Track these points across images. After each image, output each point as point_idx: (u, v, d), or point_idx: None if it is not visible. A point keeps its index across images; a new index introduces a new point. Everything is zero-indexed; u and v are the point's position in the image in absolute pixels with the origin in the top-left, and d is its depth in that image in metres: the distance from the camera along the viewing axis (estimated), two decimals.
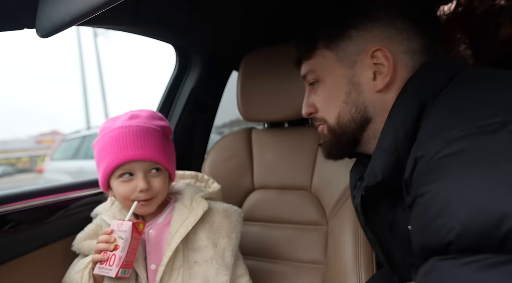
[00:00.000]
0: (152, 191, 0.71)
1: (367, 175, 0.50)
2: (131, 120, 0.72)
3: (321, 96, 0.59)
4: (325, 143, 0.61)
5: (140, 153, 0.69)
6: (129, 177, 0.70)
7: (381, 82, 0.52)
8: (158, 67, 28.71)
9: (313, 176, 0.95)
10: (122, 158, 0.68)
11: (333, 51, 0.56)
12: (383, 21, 0.52)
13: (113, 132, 0.70)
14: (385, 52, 0.51)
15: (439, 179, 0.36)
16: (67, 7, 0.45)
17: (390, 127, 0.48)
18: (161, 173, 0.73)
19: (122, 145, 0.69)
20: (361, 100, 0.55)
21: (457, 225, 0.32)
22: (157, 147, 0.71)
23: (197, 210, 0.75)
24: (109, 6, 0.41)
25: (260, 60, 0.99)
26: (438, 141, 0.38)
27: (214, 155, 1.07)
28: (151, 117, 0.75)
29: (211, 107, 1.30)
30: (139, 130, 0.70)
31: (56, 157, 5.31)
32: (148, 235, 0.74)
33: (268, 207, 0.98)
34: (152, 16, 0.87)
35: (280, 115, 0.96)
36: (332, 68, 0.56)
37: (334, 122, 0.58)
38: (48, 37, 0.51)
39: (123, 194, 0.71)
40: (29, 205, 0.80)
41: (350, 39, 0.54)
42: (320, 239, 0.90)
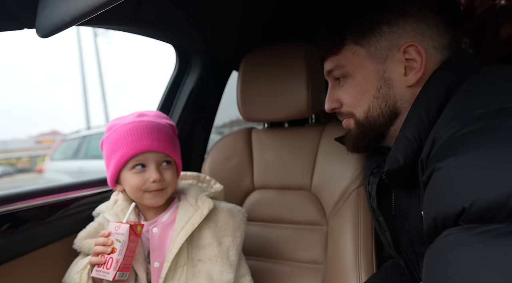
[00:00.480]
0: (164, 182, 0.73)
1: (388, 159, 0.51)
2: (141, 117, 0.75)
3: (349, 91, 0.59)
4: (351, 136, 0.62)
5: (154, 145, 0.72)
6: (141, 168, 0.73)
7: (413, 78, 0.53)
8: (158, 67, 28.74)
9: (313, 176, 0.95)
10: (137, 148, 0.71)
11: (363, 46, 0.56)
12: (415, 17, 0.53)
13: (125, 126, 0.73)
14: (418, 48, 0.52)
15: (457, 153, 0.37)
16: (67, 7, 0.45)
17: (414, 116, 0.49)
18: (171, 166, 0.76)
19: (136, 136, 0.71)
20: (392, 95, 0.55)
21: (472, 194, 0.33)
22: (168, 141, 0.75)
23: (203, 208, 0.76)
24: (109, 6, 0.41)
25: (260, 60, 0.99)
26: (459, 120, 0.39)
27: (214, 155, 1.07)
28: (158, 116, 0.79)
29: (211, 107, 1.30)
30: (151, 125, 0.74)
31: (56, 157, 5.31)
32: (152, 233, 0.75)
33: (268, 207, 0.98)
34: (152, 16, 0.87)
35: (280, 115, 0.96)
36: (363, 64, 0.56)
37: (363, 117, 0.58)
38: (48, 37, 0.51)
39: (136, 185, 0.72)
40: (29, 205, 0.80)
41: (382, 34, 0.54)
42: (320, 239, 0.90)
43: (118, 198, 0.81)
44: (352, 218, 0.83)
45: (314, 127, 1.00)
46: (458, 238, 0.34)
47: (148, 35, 0.99)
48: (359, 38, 0.56)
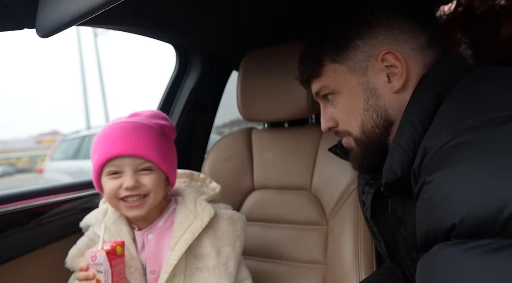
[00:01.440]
0: (141, 189, 0.67)
1: (385, 171, 0.50)
2: (131, 118, 0.71)
3: (339, 108, 0.59)
4: (355, 155, 0.61)
5: (130, 148, 0.65)
6: (117, 175, 0.67)
7: (398, 83, 0.53)
8: (158, 67, 28.73)
9: (313, 176, 0.95)
10: (110, 152, 0.65)
11: (342, 63, 0.57)
12: (385, 25, 0.53)
13: (107, 128, 0.69)
14: (394, 54, 0.52)
15: (446, 167, 0.36)
16: (67, 7, 0.45)
17: (407, 123, 0.49)
18: (152, 172, 0.68)
19: (112, 140, 0.66)
20: (381, 104, 0.55)
21: (462, 209, 0.33)
22: (149, 144, 0.67)
23: (203, 216, 0.71)
24: (109, 6, 0.41)
25: (260, 60, 0.99)
26: (449, 131, 0.39)
27: (214, 155, 1.07)
28: (151, 116, 0.73)
29: (211, 107, 1.30)
30: (132, 127, 0.67)
31: (56, 157, 5.31)
32: (147, 240, 0.71)
33: (268, 207, 0.98)
34: (152, 16, 0.87)
35: (280, 115, 0.96)
36: (345, 80, 0.57)
37: (359, 132, 0.58)
38: (48, 37, 0.51)
39: (110, 191, 0.67)
40: (29, 205, 0.80)
41: (357, 48, 0.55)
42: (320, 239, 0.90)
43: (108, 208, 0.76)
44: (352, 218, 0.83)
45: (314, 127, 1.00)
46: (448, 253, 0.34)
47: (148, 35, 0.99)
48: (336, 56, 0.57)
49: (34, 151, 15.25)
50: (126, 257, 0.68)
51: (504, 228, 0.30)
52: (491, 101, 0.39)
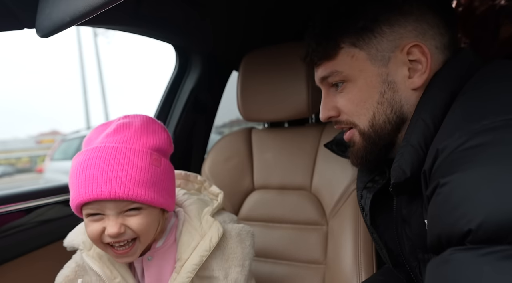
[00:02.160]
0: (127, 233, 0.55)
1: (394, 171, 0.48)
2: (113, 137, 0.57)
3: (350, 98, 0.54)
4: (358, 149, 0.56)
5: (109, 190, 0.51)
6: (98, 217, 0.55)
7: (419, 80, 0.50)
8: (158, 67, 28.73)
9: (313, 176, 0.95)
10: (85, 195, 0.52)
11: (363, 49, 0.51)
12: (415, 16, 0.50)
13: (84, 155, 0.55)
14: (422, 48, 0.49)
15: (462, 169, 0.35)
16: (67, 7, 0.45)
17: (418, 121, 0.46)
18: (142, 211, 0.56)
19: (87, 176, 0.52)
20: (397, 100, 0.51)
21: (479, 215, 0.32)
22: (136, 179, 0.53)
23: (211, 235, 0.62)
24: (109, 6, 0.41)
25: (260, 60, 0.99)
26: (463, 132, 0.37)
27: (214, 155, 1.07)
28: (142, 130, 0.59)
29: (211, 107, 1.30)
30: (114, 156, 0.53)
31: (56, 157, 5.32)
32: (147, 263, 0.63)
33: (268, 207, 0.98)
34: (152, 16, 0.87)
35: (280, 115, 0.96)
36: (363, 68, 0.52)
37: (368, 126, 0.53)
38: (48, 37, 0.52)
39: (92, 237, 0.55)
40: (29, 205, 0.80)
41: (382, 35, 0.50)
42: (320, 239, 0.90)
43: None
44: (352, 218, 0.83)
45: (314, 127, 1.00)
46: (464, 258, 0.33)
47: (148, 35, 0.99)
48: (357, 40, 0.52)
49: (34, 151, 15.24)
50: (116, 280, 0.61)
51: None
52: (506, 102, 0.38)
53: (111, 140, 0.56)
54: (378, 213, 0.61)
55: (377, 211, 0.61)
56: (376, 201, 0.60)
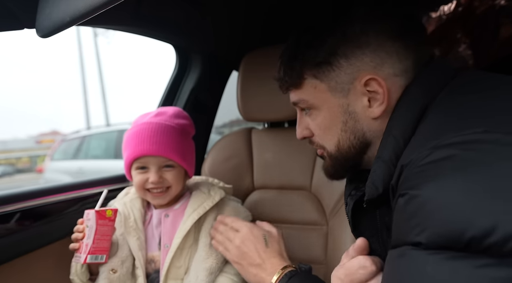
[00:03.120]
0: (164, 183, 0.78)
1: (367, 187, 0.50)
2: (156, 117, 0.80)
3: (317, 123, 0.58)
4: (328, 167, 0.61)
5: (154, 149, 0.75)
6: (144, 170, 0.78)
7: (378, 110, 0.51)
8: (158, 67, 28.75)
9: (313, 176, 0.95)
10: (138, 152, 0.76)
11: (323, 81, 0.54)
12: (373, 46, 0.51)
13: (136, 127, 0.78)
14: (378, 80, 0.50)
15: (419, 184, 0.37)
16: (67, 7, 0.45)
17: (389, 138, 0.48)
18: (174, 168, 0.79)
19: (139, 140, 0.76)
20: (359, 128, 0.54)
21: (428, 228, 0.34)
22: (171, 145, 0.77)
23: (215, 196, 0.82)
24: (109, 6, 0.41)
25: (260, 60, 0.99)
26: (425, 148, 0.39)
27: (214, 155, 1.07)
28: (175, 116, 0.83)
29: (211, 107, 1.30)
30: (157, 128, 0.77)
31: (56, 157, 5.31)
32: (164, 218, 0.81)
33: (268, 207, 0.98)
34: (152, 16, 0.87)
35: (280, 115, 0.96)
36: (325, 98, 0.55)
37: (334, 150, 0.57)
38: (48, 37, 0.52)
39: (138, 183, 0.78)
40: (29, 205, 0.80)
41: (340, 68, 0.52)
42: (320, 239, 0.90)
43: (130, 191, 0.87)
44: None
45: None
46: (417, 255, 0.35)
47: (148, 35, 0.99)
48: (317, 72, 0.54)
49: (34, 151, 15.25)
50: (131, 228, 0.79)
51: (468, 246, 0.32)
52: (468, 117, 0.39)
53: (154, 120, 0.79)
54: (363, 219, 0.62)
55: (363, 217, 0.62)
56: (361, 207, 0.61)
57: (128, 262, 0.77)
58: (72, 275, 0.74)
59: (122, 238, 0.79)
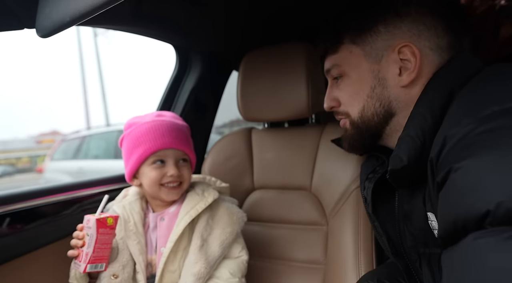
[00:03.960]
0: (180, 177, 0.79)
1: (392, 159, 0.50)
2: (160, 117, 0.80)
3: (345, 90, 0.59)
4: (347, 136, 0.62)
5: (174, 142, 0.77)
6: (161, 164, 0.78)
7: (407, 78, 0.53)
8: (158, 67, 28.74)
9: (313, 176, 0.95)
10: (158, 145, 0.76)
11: (359, 45, 0.56)
12: (412, 17, 0.53)
13: (147, 124, 0.78)
14: (412, 49, 0.52)
15: (475, 154, 0.35)
16: (67, 7, 0.45)
17: (417, 116, 0.49)
18: (188, 163, 0.81)
19: (158, 134, 0.76)
20: (386, 95, 0.55)
21: (497, 195, 0.32)
22: (185, 140, 0.80)
23: (208, 197, 0.81)
24: (109, 6, 0.41)
25: (260, 60, 0.99)
26: (473, 119, 0.38)
27: (214, 155, 1.07)
28: (175, 117, 0.84)
29: (211, 107, 1.30)
30: (170, 124, 0.79)
31: (56, 157, 5.31)
32: (160, 222, 0.80)
33: (268, 207, 0.98)
34: (153, 16, 0.87)
35: (280, 115, 0.96)
36: (358, 63, 0.57)
37: (357, 116, 0.58)
38: (48, 37, 0.51)
39: (154, 178, 0.77)
40: (29, 205, 0.80)
41: (378, 34, 0.54)
42: (320, 239, 0.90)
43: (128, 193, 0.85)
44: (352, 218, 0.83)
45: (314, 127, 1.00)
46: (488, 243, 0.32)
47: (148, 35, 0.99)
48: (356, 37, 0.56)
49: (34, 151, 15.23)
50: (131, 232, 0.78)
51: None
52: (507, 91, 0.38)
53: (160, 118, 0.80)
54: (379, 203, 0.63)
55: (379, 201, 0.63)
56: (378, 192, 0.63)
57: (129, 266, 0.76)
58: (71, 279, 0.73)
59: (122, 242, 0.77)
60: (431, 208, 0.49)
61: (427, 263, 0.54)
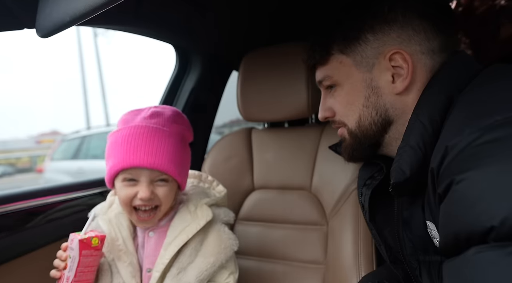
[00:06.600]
0: (155, 200, 0.66)
1: (393, 171, 0.49)
2: (150, 120, 0.67)
3: (339, 100, 0.58)
4: (347, 146, 0.61)
5: (148, 160, 0.62)
6: (132, 182, 0.65)
7: (401, 85, 0.52)
8: (158, 67, 28.75)
9: (313, 176, 0.95)
10: (127, 162, 0.63)
11: (349, 56, 0.55)
12: (400, 23, 0.52)
13: (127, 130, 0.65)
14: (403, 55, 0.51)
15: (479, 165, 0.35)
16: (67, 7, 0.45)
17: (416, 124, 0.47)
18: (167, 183, 0.67)
19: (131, 147, 0.63)
20: (381, 103, 0.54)
21: (502, 211, 0.31)
22: (169, 156, 0.65)
23: (200, 219, 0.70)
24: (109, 6, 0.41)
25: (260, 60, 0.99)
26: (475, 128, 0.37)
27: (214, 155, 1.07)
28: (172, 118, 0.69)
29: (211, 107, 1.30)
30: (153, 134, 0.64)
31: (56, 157, 5.31)
32: (148, 237, 0.71)
33: (268, 207, 0.98)
34: (153, 16, 0.87)
35: (280, 115, 0.96)
36: (350, 73, 0.56)
37: (355, 126, 0.57)
38: (48, 37, 0.51)
39: (124, 198, 0.66)
40: (29, 205, 0.80)
41: (367, 43, 0.53)
42: (320, 239, 0.90)
43: (114, 200, 0.77)
44: (352, 218, 0.83)
45: (314, 127, 1.00)
46: (491, 257, 0.32)
47: (148, 35, 0.99)
48: (345, 47, 0.55)
49: (34, 151, 15.23)
50: (121, 251, 0.69)
51: None
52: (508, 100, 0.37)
53: (149, 122, 0.66)
54: (377, 209, 0.63)
55: (377, 208, 0.62)
56: (375, 198, 0.62)
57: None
58: None
59: (114, 264, 0.69)
60: (430, 216, 0.48)
61: (427, 270, 0.53)
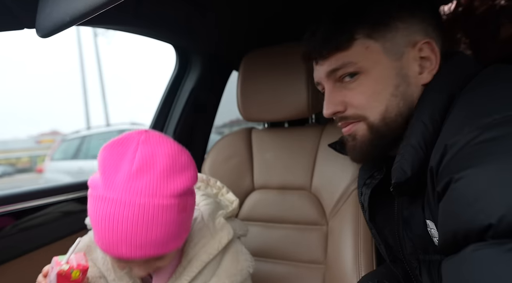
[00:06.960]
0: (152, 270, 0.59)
1: (395, 171, 0.48)
2: (137, 181, 0.50)
3: (362, 90, 0.53)
4: (363, 143, 0.55)
5: (138, 253, 0.50)
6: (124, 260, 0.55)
7: (428, 76, 0.51)
8: (158, 67, 28.72)
9: (313, 176, 0.95)
10: (113, 253, 0.51)
11: (378, 41, 0.52)
12: (421, 17, 0.53)
13: (106, 206, 0.50)
14: (432, 46, 0.51)
15: (477, 163, 0.35)
16: (67, 7, 0.45)
17: (417, 123, 0.47)
18: (166, 255, 0.57)
19: (116, 236, 0.49)
20: (410, 93, 0.52)
21: (500, 208, 0.31)
22: (165, 239, 0.51)
23: (221, 236, 0.63)
24: (109, 6, 0.41)
25: (260, 60, 0.99)
26: (474, 127, 0.37)
27: (214, 155, 1.07)
28: (169, 170, 0.52)
29: (211, 107, 1.30)
30: (142, 215, 0.49)
31: (56, 157, 5.32)
32: None
33: (268, 207, 0.98)
34: (153, 16, 0.87)
35: (280, 115, 0.96)
36: (378, 60, 0.52)
37: (378, 119, 0.52)
38: (48, 37, 0.51)
39: (118, 267, 0.59)
40: (29, 205, 0.80)
41: (397, 30, 0.52)
42: (320, 239, 0.90)
43: None
44: (352, 218, 0.83)
45: (314, 127, 1.00)
46: (489, 255, 0.32)
47: (148, 35, 0.99)
48: (372, 31, 0.52)
49: (34, 151, 15.22)
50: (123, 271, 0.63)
51: None
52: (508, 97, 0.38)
53: (135, 188, 0.49)
54: (377, 209, 0.62)
55: (377, 207, 0.62)
56: (375, 197, 0.61)
57: None
58: None
59: None
60: (430, 215, 0.48)
61: (427, 270, 0.53)
